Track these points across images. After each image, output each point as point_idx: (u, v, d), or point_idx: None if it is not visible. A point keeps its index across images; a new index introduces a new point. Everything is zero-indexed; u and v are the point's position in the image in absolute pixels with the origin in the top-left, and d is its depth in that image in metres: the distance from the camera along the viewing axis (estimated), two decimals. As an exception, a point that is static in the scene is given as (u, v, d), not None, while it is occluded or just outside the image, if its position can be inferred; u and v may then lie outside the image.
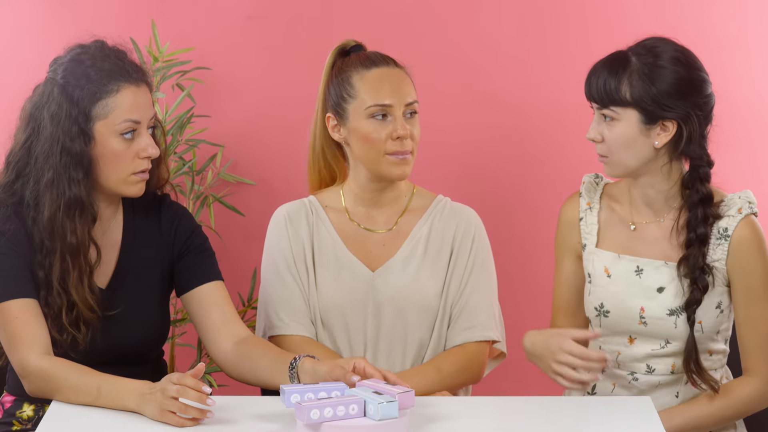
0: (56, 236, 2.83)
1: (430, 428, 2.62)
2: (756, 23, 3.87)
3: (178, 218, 3.00)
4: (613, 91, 2.88)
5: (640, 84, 2.87)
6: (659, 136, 2.90)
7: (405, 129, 3.03)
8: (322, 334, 3.10)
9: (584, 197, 3.08)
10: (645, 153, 2.91)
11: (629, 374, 3.00)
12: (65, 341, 2.85)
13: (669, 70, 2.89)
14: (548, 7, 3.87)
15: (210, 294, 2.95)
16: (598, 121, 2.93)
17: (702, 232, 2.92)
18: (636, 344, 2.99)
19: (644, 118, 2.88)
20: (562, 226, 3.10)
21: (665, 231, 2.98)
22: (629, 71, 2.88)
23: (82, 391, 2.71)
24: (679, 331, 2.95)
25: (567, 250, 3.09)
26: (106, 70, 2.83)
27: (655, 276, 2.96)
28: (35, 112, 2.84)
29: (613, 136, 2.90)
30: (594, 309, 3.01)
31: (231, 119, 3.91)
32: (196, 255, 2.98)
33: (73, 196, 2.82)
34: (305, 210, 3.15)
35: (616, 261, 3.00)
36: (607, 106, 2.89)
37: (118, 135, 2.83)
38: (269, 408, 2.72)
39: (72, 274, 2.84)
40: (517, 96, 3.88)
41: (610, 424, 2.69)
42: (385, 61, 3.09)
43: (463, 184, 3.87)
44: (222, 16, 3.88)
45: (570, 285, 3.09)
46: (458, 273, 3.10)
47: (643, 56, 2.90)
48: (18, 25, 3.88)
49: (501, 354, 3.19)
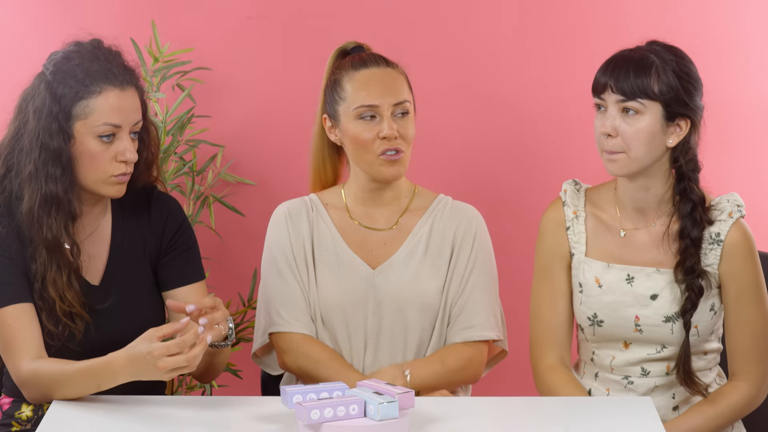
0: (33, 230, 2.84)
1: (430, 428, 2.62)
2: (755, 23, 3.87)
3: (167, 211, 3.00)
4: (645, 84, 2.86)
5: (667, 77, 2.87)
6: (673, 135, 2.90)
7: (392, 129, 3.02)
8: (322, 332, 3.10)
9: (569, 205, 3.03)
10: (658, 151, 2.91)
11: (623, 378, 2.98)
12: (62, 333, 2.85)
13: (684, 69, 2.90)
14: (548, 7, 3.87)
15: (185, 297, 2.95)
16: (614, 116, 2.89)
17: (696, 236, 2.91)
18: (631, 349, 2.97)
19: (666, 113, 2.88)
20: (549, 234, 3.04)
21: (655, 237, 2.96)
22: (656, 65, 2.87)
23: (77, 380, 2.71)
24: (676, 337, 2.94)
25: (558, 259, 3.02)
26: (91, 71, 2.82)
27: (647, 283, 2.94)
28: (23, 104, 2.86)
29: (635, 130, 2.87)
30: (587, 319, 2.98)
31: (231, 119, 3.91)
32: (181, 253, 2.98)
33: (49, 191, 2.82)
34: (306, 207, 3.15)
35: (606, 270, 2.97)
36: (634, 98, 2.87)
37: (96, 137, 2.83)
38: (269, 408, 2.72)
39: (50, 269, 2.84)
40: (517, 96, 3.88)
41: (610, 424, 2.69)
42: (375, 61, 3.09)
43: (463, 184, 3.87)
44: (222, 16, 3.88)
45: (566, 297, 3.03)
46: (459, 271, 3.10)
47: (658, 55, 2.89)
48: (18, 25, 3.88)
49: (503, 352, 3.19)
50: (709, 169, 3.89)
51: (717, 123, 3.92)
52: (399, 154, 3.04)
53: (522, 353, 3.88)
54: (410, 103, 3.08)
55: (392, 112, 3.04)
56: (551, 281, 3.03)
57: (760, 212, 3.91)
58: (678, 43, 2.99)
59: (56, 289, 2.84)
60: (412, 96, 3.10)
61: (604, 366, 3.00)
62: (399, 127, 3.04)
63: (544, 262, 3.04)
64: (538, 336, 3.03)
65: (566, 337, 3.03)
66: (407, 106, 3.06)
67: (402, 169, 3.06)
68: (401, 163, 3.06)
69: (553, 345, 3.01)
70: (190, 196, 3.83)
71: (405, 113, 3.06)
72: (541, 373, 3.02)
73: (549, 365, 3.01)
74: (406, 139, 3.05)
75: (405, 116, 3.06)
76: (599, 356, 3.00)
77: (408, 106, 3.06)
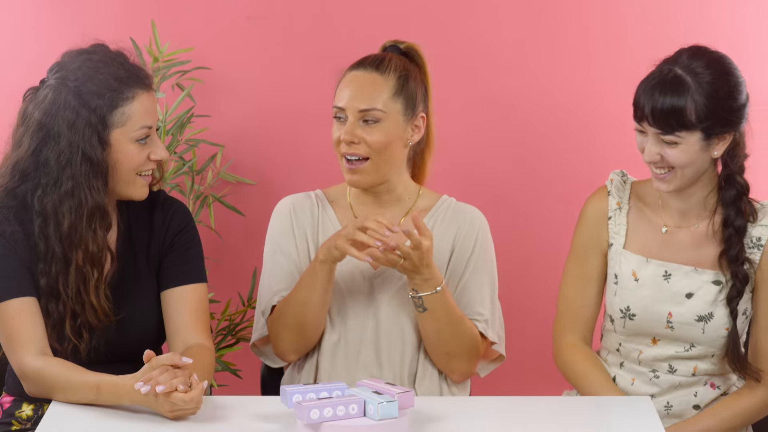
0: (75, 245, 2.83)
1: (430, 428, 2.62)
2: (755, 23, 3.87)
3: (171, 213, 2.99)
4: (680, 116, 2.83)
5: (703, 104, 2.83)
6: (718, 146, 2.89)
7: (348, 134, 3.00)
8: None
9: (614, 196, 3.04)
10: (705, 165, 2.91)
11: (651, 371, 3.00)
12: (65, 349, 2.86)
13: (722, 85, 2.86)
14: (549, 9, 3.87)
15: (182, 297, 2.95)
16: (655, 143, 2.87)
17: (740, 224, 2.91)
18: (659, 345, 2.98)
19: (705, 135, 2.86)
20: (589, 221, 3.04)
21: (696, 237, 2.97)
22: (690, 93, 2.83)
23: (81, 390, 2.71)
24: (707, 337, 2.94)
25: (594, 247, 3.03)
26: (121, 78, 2.83)
27: (683, 281, 2.95)
28: (46, 119, 2.82)
29: (676, 155, 2.86)
30: (619, 311, 2.99)
31: (231, 119, 3.91)
32: (182, 253, 2.98)
33: (95, 203, 2.83)
34: (310, 202, 3.15)
35: (644, 265, 2.98)
36: (672, 132, 2.84)
37: (134, 141, 2.85)
38: (269, 408, 2.72)
39: (91, 282, 2.85)
40: (520, 97, 3.88)
41: (610, 424, 2.69)
42: (366, 64, 3.06)
43: (463, 185, 3.87)
44: (222, 16, 3.88)
45: (597, 283, 3.04)
46: (457, 271, 3.10)
47: (694, 75, 2.85)
48: (18, 25, 3.88)
49: (500, 357, 3.17)
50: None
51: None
52: (360, 162, 3.02)
53: (522, 354, 3.89)
54: (384, 112, 3.01)
55: (359, 118, 3.02)
56: (584, 266, 3.05)
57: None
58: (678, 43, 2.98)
59: (97, 301, 2.85)
60: (402, 104, 3.04)
61: (632, 358, 3.01)
62: (365, 133, 3.01)
63: (581, 247, 3.06)
64: (563, 313, 3.06)
65: (590, 320, 3.05)
66: (377, 114, 3.01)
67: (361, 178, 3.03)
68: (362, 172, 3.02)
69: (577, 324, 3.04)
70: (190, 195, 3.83)
71: (374, 121, 3.03)
72: (560, 349, 3.05)
73: (570, 342, 3.04)
74: (371, 146, 3.01)
75: (373, 124, 3.02)
76: (626, 348, 3.01)
77: (378, 114, 3.01)
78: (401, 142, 3.06)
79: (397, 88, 3.05)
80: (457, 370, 3.08)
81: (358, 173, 3.03)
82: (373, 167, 3.03)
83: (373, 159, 3.02)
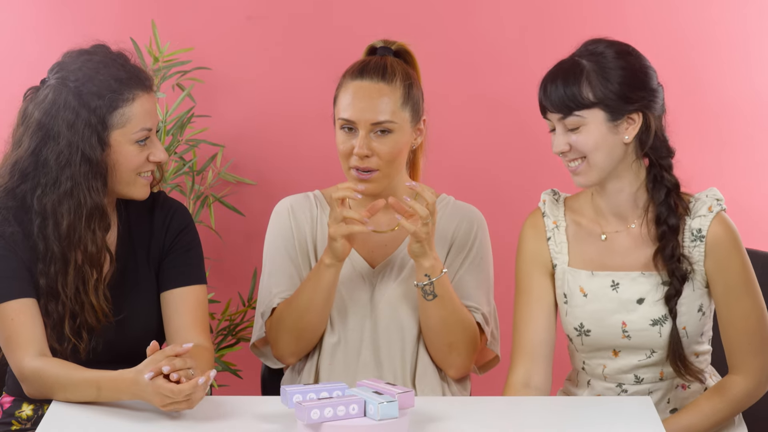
0: (74, 246, 2.83)
1: (430, 428, 2.63)
2: (755, 23, 3.87)
3: (171, 214, 3.00)
4: (575, 95, 2.83)
5: (599, 82, 2.83)
6: (627, 130, 2.86)
7: (362, 148, 2.99)
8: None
9: (548, 216, 3.00)
10: (617, 151, 2.87)
11: (617, 386, 2.97)
12: (65, 350, 2.86)
13: (621, 63, 2.85)
14: (549, 10, 3.87)
15: (181, 299, 2.95)
16: (562, 132, 2.87)
17: (673, 222, 2.89)
18: (621, 357, 2.95)
19: (610, 115, 2.84)
20: (529, 244, 2.99)
21: (636, 238, 2.93)
22: (585, 73, 2.84)
23: (81, 388, 2.71)
24: (664, 340, 2.91)
25: (537, 269, 2.98)
26: (121, 79, 2.83)
27: (632, 288, 2.92)
28: (45, 119, 2.82)
29: (583, 140, 2.84)
30: (574, 329, 2.95)
31: (231, 119, 3.91)
32: (182, 254, 2.98)
33: (93, 204, 2.83)
34: (309, 203, 3.15)
35: (590, 279, 2.94)
36: (571, 112, 2.84)
37: (134, 143, 2.85)
38: (269, 408, 2.72)
39: (90, 282, 2.85)
40: (519, 97, 3.88)
41: (610, 424, 2.69)
42: (372, 73, 3.03)
43: (462, 184, 3.87)
44: (222, 16, 3.88)
45: (547, 309, 2.97)
46: (453, 268, 3.09)
47: (591, 57, 2.86)
48: (18, 25, 3.88)
49: (495, 358, 3.17)
50: (709, 169, 3.91)
51: (717, 123, 3.93)
52: (370, 173, 3.02)
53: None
54: (395, 123, 3.01)
55: (370, 130, 3.02)
56: (530, 291, 2.98)
57: (759, 211, 3.92)
58: (678, 43, 2.99)
59: (97, 301, 2.85)
60: (409, 112, 3.04)
61: (597, 374, 2.98)
62: (376, 144, 3.01)
63: (525, 273, 2.99)
64: (515, 344, 2.98)
65: (545, 345, 2.96)
66: (389, 125, 3.01)
67: (373, 186, 3.03)
68: (373, 181, 3.02)
69: (528, 354, 2.95)
70: (190, 195, 3.83)
71: (386, 132, 3.02)
72: (507, 386, 2.96)
73: (513, 381, 2.96)
74: (383, 157, 3.01)
75: (385, 135, 3.02)
76: (590, 365, 2.98)
77: (390, 125, 3.01)
78: (408, 147, 3.07)
79: (405, 96, 3.04)
80: (455, 364, 3.08)
81: (369, 182, 3.02)
82: (382, 176, 3.03)
83: (383, 169, 3.02)
